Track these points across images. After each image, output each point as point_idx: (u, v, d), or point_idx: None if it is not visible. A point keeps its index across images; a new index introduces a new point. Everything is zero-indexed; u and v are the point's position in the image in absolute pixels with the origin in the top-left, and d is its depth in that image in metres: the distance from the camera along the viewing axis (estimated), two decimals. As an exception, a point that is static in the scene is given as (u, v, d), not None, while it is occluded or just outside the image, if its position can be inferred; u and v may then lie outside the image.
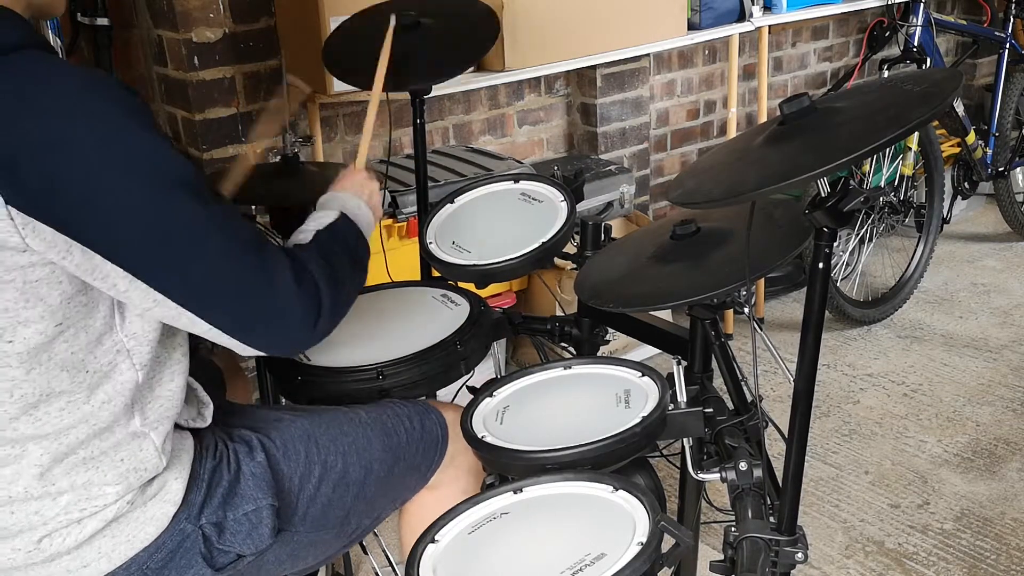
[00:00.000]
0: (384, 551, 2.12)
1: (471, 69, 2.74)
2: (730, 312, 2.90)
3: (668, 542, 1.17)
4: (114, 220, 1.12)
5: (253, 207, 2.14)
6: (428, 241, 1.81)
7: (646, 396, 1.43)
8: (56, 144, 1.09)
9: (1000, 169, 3.95)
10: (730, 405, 1.57)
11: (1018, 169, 4.12)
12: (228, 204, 1.25)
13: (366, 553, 2.10)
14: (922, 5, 3.46)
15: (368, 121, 1.70)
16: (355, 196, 1.50)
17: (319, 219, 1.42)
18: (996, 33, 3.92)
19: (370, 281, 2.63)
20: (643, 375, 1.49)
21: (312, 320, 1.25)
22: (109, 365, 1.21)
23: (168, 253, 1.16)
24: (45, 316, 1.13)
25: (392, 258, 2.31)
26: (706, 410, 1.45)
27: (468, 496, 1.55)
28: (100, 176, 1.11)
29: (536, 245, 1.70)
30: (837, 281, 3.54)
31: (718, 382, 1.62)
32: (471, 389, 1.62)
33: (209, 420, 1.35)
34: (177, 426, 1.31)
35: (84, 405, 1.19)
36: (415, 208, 2.36)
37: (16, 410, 1.16)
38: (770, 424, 1.53)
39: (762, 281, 3.55)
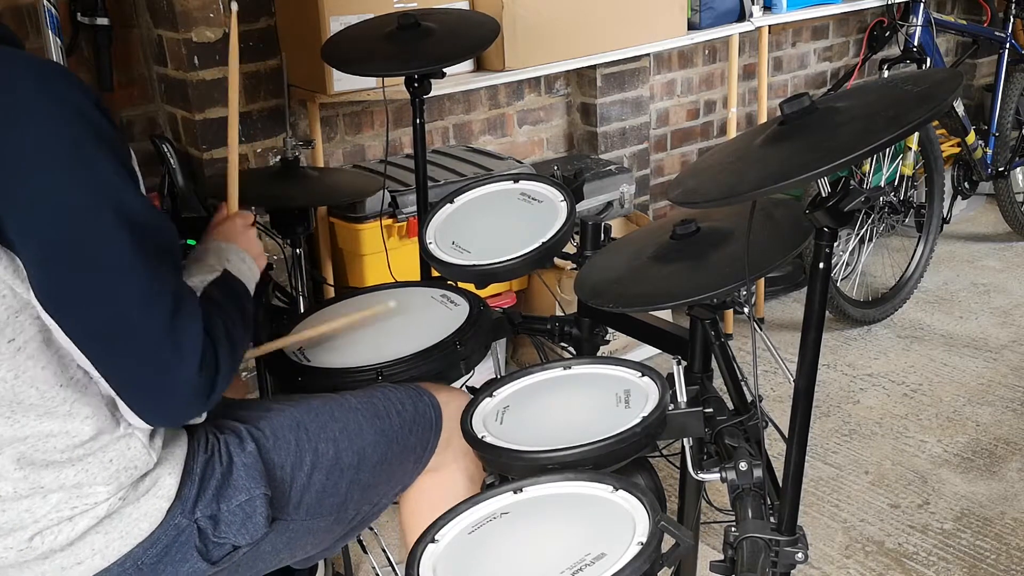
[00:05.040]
0: (384, 550, 2.12)
1: (471, 69, 2.75)
2: (730, 312, 2.90)
3: (668, 542, 1.17)
4: (32, 221, 1.09)
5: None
6: (428, 241, 1.81)
7: (646, 396, 1.43)
8: None
9: (1000, 169, 3.95)
10: (730, 405, 1.57)
11: (1018, 169, 4.12)
12: (167, 262, 1.19)
13: (366, 552, 2.10)
14: (922, 5, 3.46)
15: (232, 156, 1.63)
16: (236, 247, 1.44)
17: (205, 276, 1.35)
18: (996, 33, 3.92)
19: (370, 281, 2.63)
20: (643, 375, 1.49)
21: (201, 404, 1.21)
22: (82, 379, 1.19)
23: (74, 279, 1.12)
24: None
25: (392, 258, 2.32)
26: (706, 410, 1.45)
27: (468, 478, 1.55)
28: (31, 171, 1.08)
29: (536, 245, 1.70)
30: (837, 281, 3.54)
31: (718, 382, 1.62)
32: (471, 389, 1.62)
33: (204, 415, 1.33)
34: None
35: (67, 420, 1.18)
36: (415, 208, 2.37)
37: None
38: (770, 424, 1.53)
39: (762, 281, 3.55)
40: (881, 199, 3.50)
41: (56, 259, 1.11)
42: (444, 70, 2.05)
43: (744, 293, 1.46)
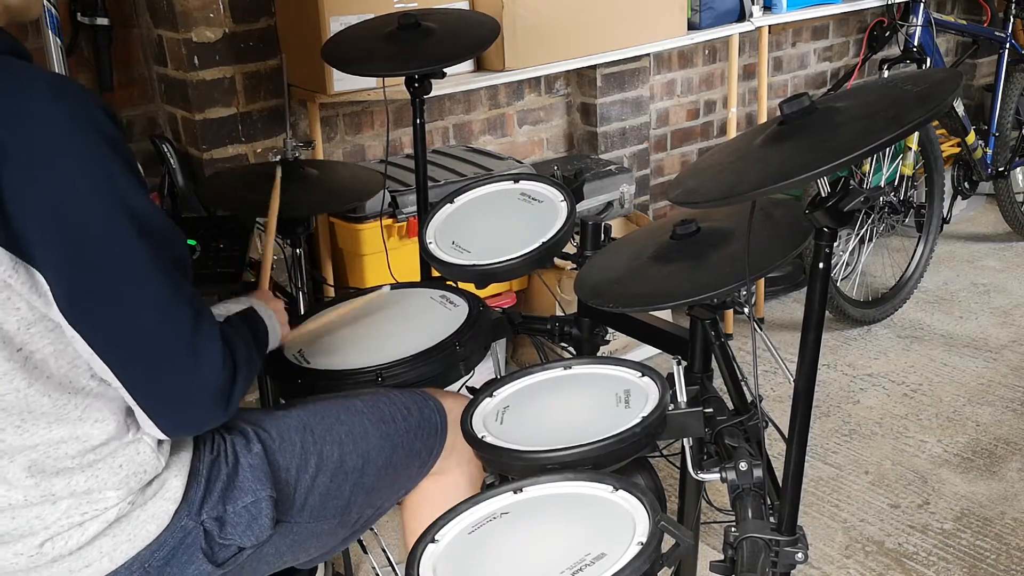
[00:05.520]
0: (384, 551, 2.12)
1: (471, 69, 2.75)
2: (730, 312, 2.91)
3: (668, 542, 1.17)
4: (49, 229, 1.09)
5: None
6: (428, 241, 1.81)
7: (646, 396, 1.43)
8: (9, 149, 1.08)
9: (1000, 169, 3.95)
10: (730, 405, 1.57)
11: (1018, 169, 4.12)
12: (182, 272, 1.20)
13: (366, 552, 2.10)
14: (922, 5, 3.46)
15: (267, 248, 1.72)
16: (264, 305, 1.47)
17: (230, 307, 1.39)
18: (996, 33, 3.92)
19: (370, 281, 2.63)
20: (643, 375, 1.49)
21: (220, 412, 1.22)
22: (95, 388, 1.20)
23: (93, 287, 1.12)
24: (4, 343, 1.12)
25: (392, 258, 2.32)
26: (706, 410, 1.45)
27: (470, 483, 1.55)
28: (47, 178, 1.09)
29: (536, 245, 1.70)
30: (837, 281, 3.54)
31: (718, 382, 1.62)
32: (471, 389, 1.62)
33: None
34: None
35: (78, 426, 1.19)
36: (415, 208, 2.37)
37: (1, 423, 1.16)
38: (770, 424, 1.53)
39: (762, 281, 3.55)
40: (881, 199, 3.50)
41: (75, 267, 1.11)
42: (444, 70, 2.05)
43: (744, 293, 1.46)
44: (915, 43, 3.48)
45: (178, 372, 1.17)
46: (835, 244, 1.23)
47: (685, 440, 1.45)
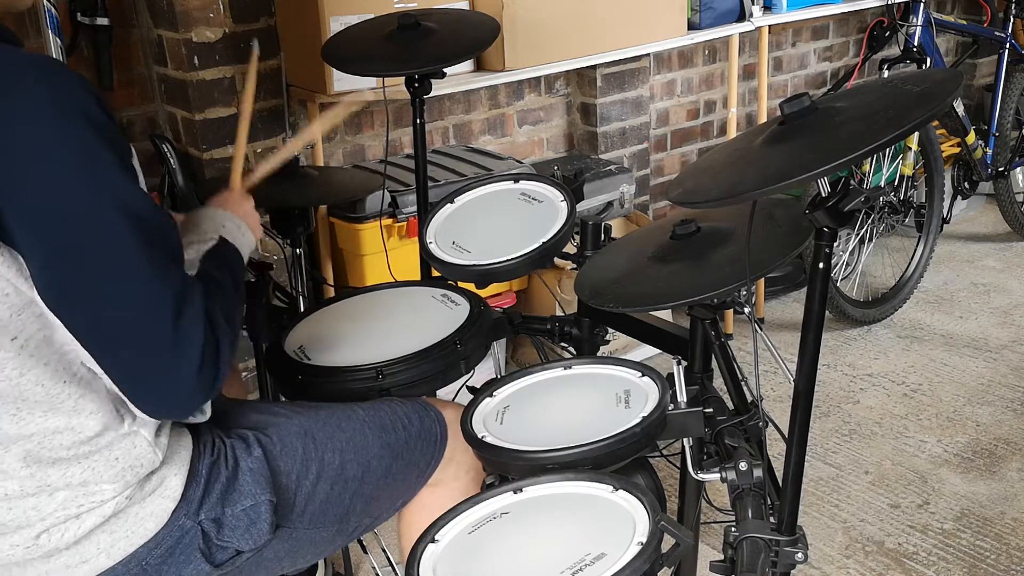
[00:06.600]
0: (384, 551, 2.12)
1: (471, 69, 2.75)
2: (730, 312, 2.91)
3: (668, 542, 1.17)
4: (35, 219, 1.09)
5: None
6: (428, 241, 1.81)
7: (646, 396, 1.43)
8: None
9: (1000, 169, 3.96)
10: (730, 405, 1.57)
11: (1018, 169, 4.12)
12: (170, 261, 1.19)
13: (366, 553, 2.10)
14: (922, 5, 3.46)
15: (240, 139, 1.66)
16: (232, 215, 1.44)
17: (200, 245, 1.35)
18: (996, 33, 3.92)
19: (370, 281, 2.63)
20: (643, 375, 1.49)
21: (204, 397, 1.21)
22: (86, 375, 1.19)
23: (77, 278, 1.11)
24: None
25: (392, 258, 2.32)
26: (706, 410, 1.45)
27: (468, 495, 1.55)
28: (34, 168, 1.08)
29: (536, 245, 1.70)
30: (837, 281, 3.54)
31: (718, 382, 1.62)
32: (471, 389, 1.62)
33: (208, 414, 1.33)
34: (175, 423, 1.31)
35: (73, 416, 1.18)
36: (415, 208, 2.37)
37: None
38: (770, 424, 1.53)
39: (762, 281, 3.55)
40: (881, 199, 3.50)
41: (59, 257, 1.11)
42: (444, 70, 2.05)
43: (744, 293, 1.46)
44: (915, 43, 3.48)
45: (160, 365, 1.16)
46: (835, 244, 1.24)
47: (685, 440, 1.45)
